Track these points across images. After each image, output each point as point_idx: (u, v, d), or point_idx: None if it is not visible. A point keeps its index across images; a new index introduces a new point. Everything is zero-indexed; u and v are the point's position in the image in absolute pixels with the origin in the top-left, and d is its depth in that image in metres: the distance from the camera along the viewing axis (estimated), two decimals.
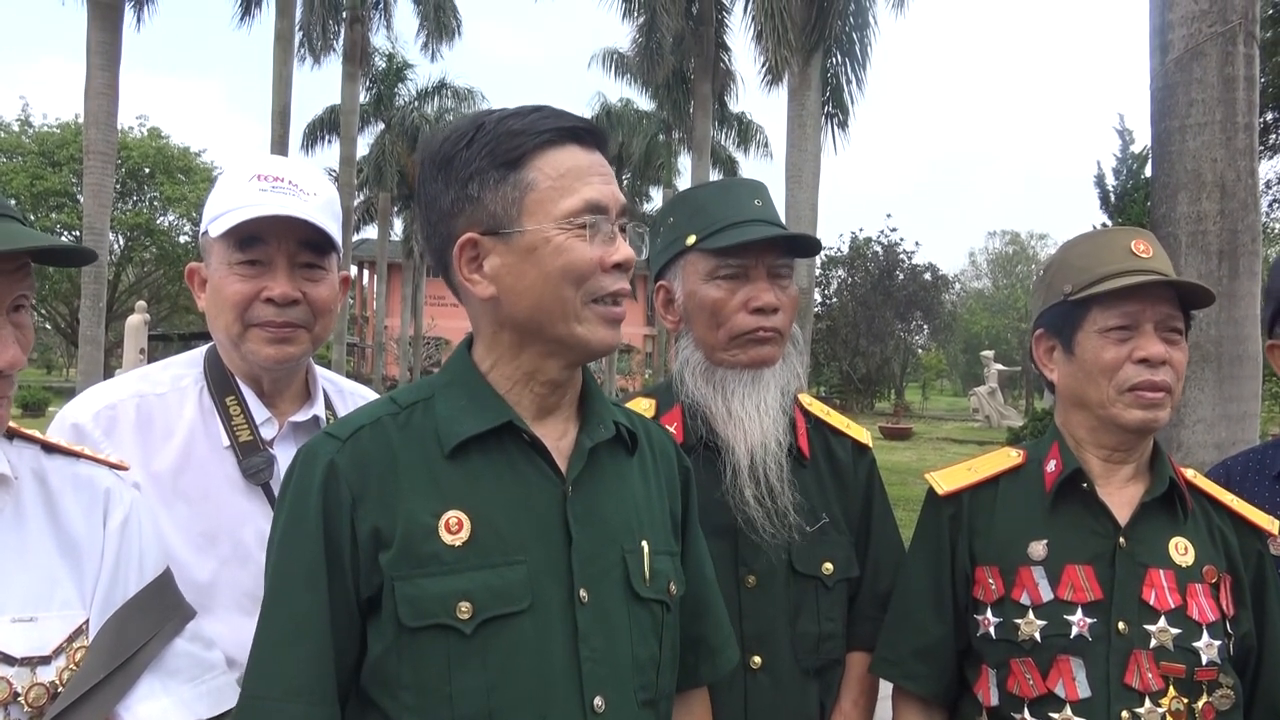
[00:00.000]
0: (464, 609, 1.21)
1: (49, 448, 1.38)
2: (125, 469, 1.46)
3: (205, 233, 1.70)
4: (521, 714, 1.21)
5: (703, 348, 1.89)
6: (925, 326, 45.25)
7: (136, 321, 17.64)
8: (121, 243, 34.48)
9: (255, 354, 1.67)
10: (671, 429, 1.85)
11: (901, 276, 41.29)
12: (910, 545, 1.87)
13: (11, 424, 1.37)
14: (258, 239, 1.65)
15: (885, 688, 1.90)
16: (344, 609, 1.23)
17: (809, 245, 1.92)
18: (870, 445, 2.02)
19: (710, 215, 1.86)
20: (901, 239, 41.83)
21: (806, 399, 2.00)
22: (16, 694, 1.19)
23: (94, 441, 1.57)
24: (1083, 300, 1.67)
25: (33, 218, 33.74)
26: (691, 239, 1.86)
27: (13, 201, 1.30)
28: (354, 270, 37.45)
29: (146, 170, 34.43)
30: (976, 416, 33.04)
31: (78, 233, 16.47)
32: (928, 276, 41.77)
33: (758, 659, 1.80)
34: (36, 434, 1.40)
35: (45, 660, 1.23)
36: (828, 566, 1.86)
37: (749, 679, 1.80)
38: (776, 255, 1.86)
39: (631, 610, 1.31)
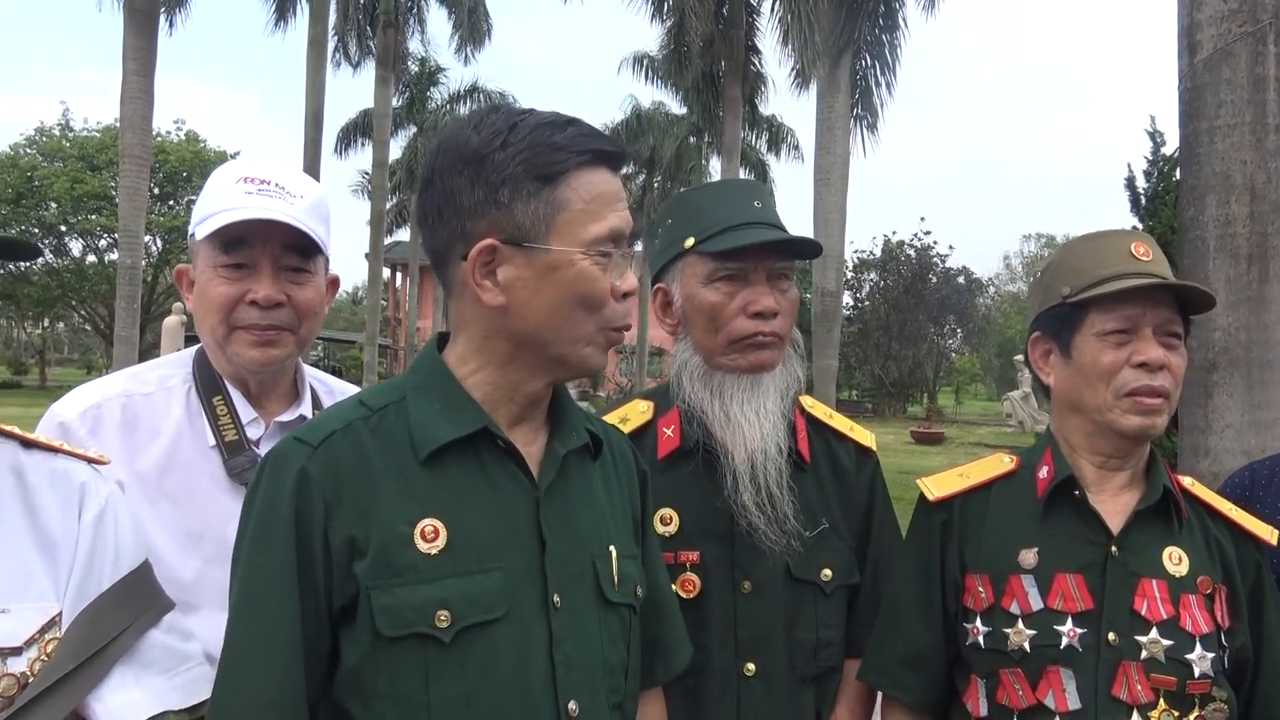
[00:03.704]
0: (443, 618, 1.20)
1: (28, 443, 1.39)
2: (105, 463, 1.47)
3: (193, 235, 1.71)
4: None
5: (701, 351, 1.85)
6: (959, 330, 44.90)
7: (174, 323, 17.87)
8: (159, 245, 34.95)
9: (240, 356, 1.68)
10: (669, 432, 1.84)
11: (934, 280, 41.01)
12: (900, 551, 1.84)
13: None
14: (243, 241, 1.66)
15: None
16: (315, 620, 1.21)
17: (809, 248, 1.87)
18: (874, 449, 1.98)
19: (709, 217, 1.82)
20: (935, 242, 41.63)
21: (809, 401, 1.96)
22: None
23: (79, 439, 1.58)
24: (1081, 303, 1.63)
25: (74, 219, 34.33)
26: (690, 241, 1.82)
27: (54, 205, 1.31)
28: (386, 272, 37.76)
29: (184, 174, 34.88)
30: (1010, 421, 32.67)
31: (116, 235, 16.74)
32: (961, 280, 41.48)
33: (752, 666, 1.77)
34: (15, 430, 1.41)
35: (16, 651, 1.24)
36: (826, 573, 1.83)
37: (742, 685, 1.77)
38: (776, 258, 1.82)
39: (602, 615, 1.31)
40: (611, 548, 1.35)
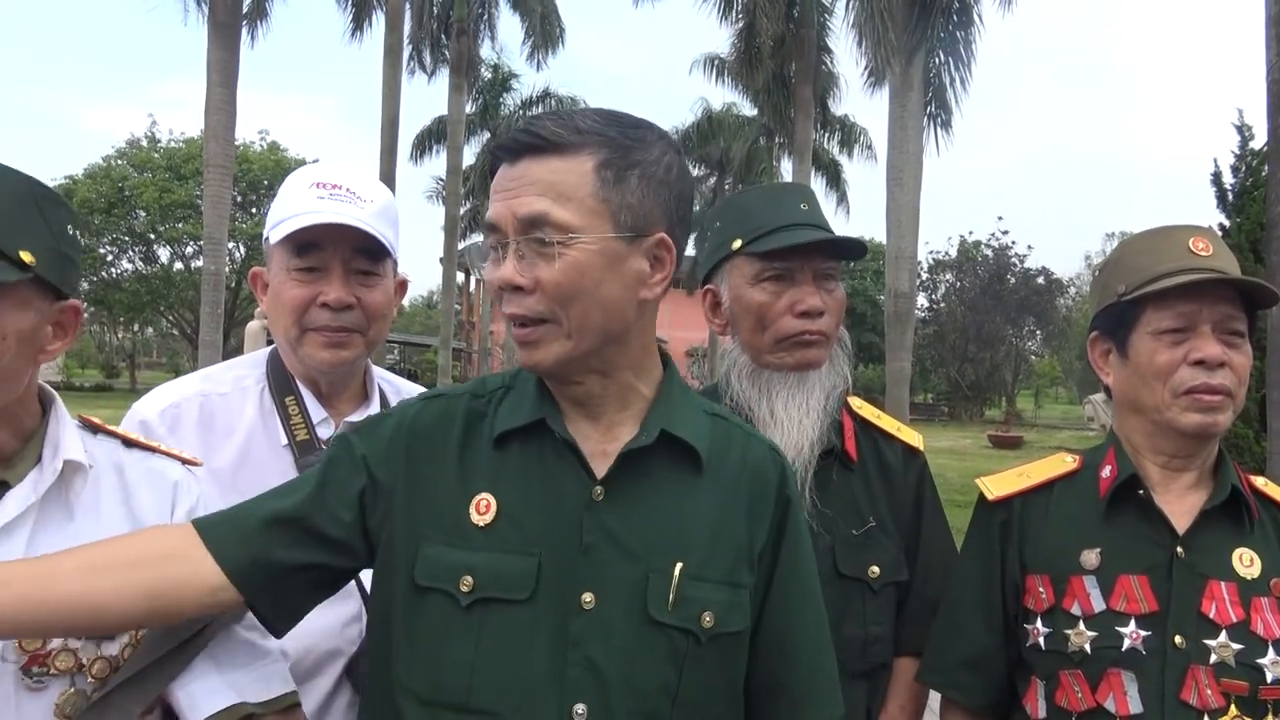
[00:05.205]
0: (466, 583, 1.25)
1: (129, 443, 1.50)
2: (199, 464, 1.56)
3: (266, 239, 1.78)
4: (499, 698, 1.23)
5: (749, 350, 1.90)
6: (1038, 332, 43.94)
7: (256, 328, 18.27)
8: (243, 251, 35.94)
9: (311, 357, 1.74)
10: None
11: (1013, 280, 40.21)
12: (960, 552, 1.84)
13: (95, 419, 1.50)
14: (315, 245, 1.71)
15: (935, 695, 1.86)
16: (325, 514, 1.32)
17: (854, 248, 1.91)
18: (922, 449, 1.99)
19: (756, 219, 1.88)
20: (1013, 242, 40.85)
21: (857, 402, 2.00)
22: (82, 665, 1.30)
23: (159, 437, 1.65)
24: (1137, 300, 1.61)
25: (162, 228, 35.49)
26: (737, 243, 1.88)
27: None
28: (460, 277, 38.25)
29: (265, 182, 35.82)
30: (1092, 425, 31.85)
31: (201, 242, 17.35)
32: (1041, 280, 40.59)
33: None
34: (118, 430, 1.52)
35: (110, 636, 1.33)
36: (874, 570, 1.85)
37: None
38: (822, 258, 1.87)
39: (643, 632, 1.26)
40: (677, 565, 1.27)
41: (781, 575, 1.38)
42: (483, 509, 1.29)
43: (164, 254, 38.24)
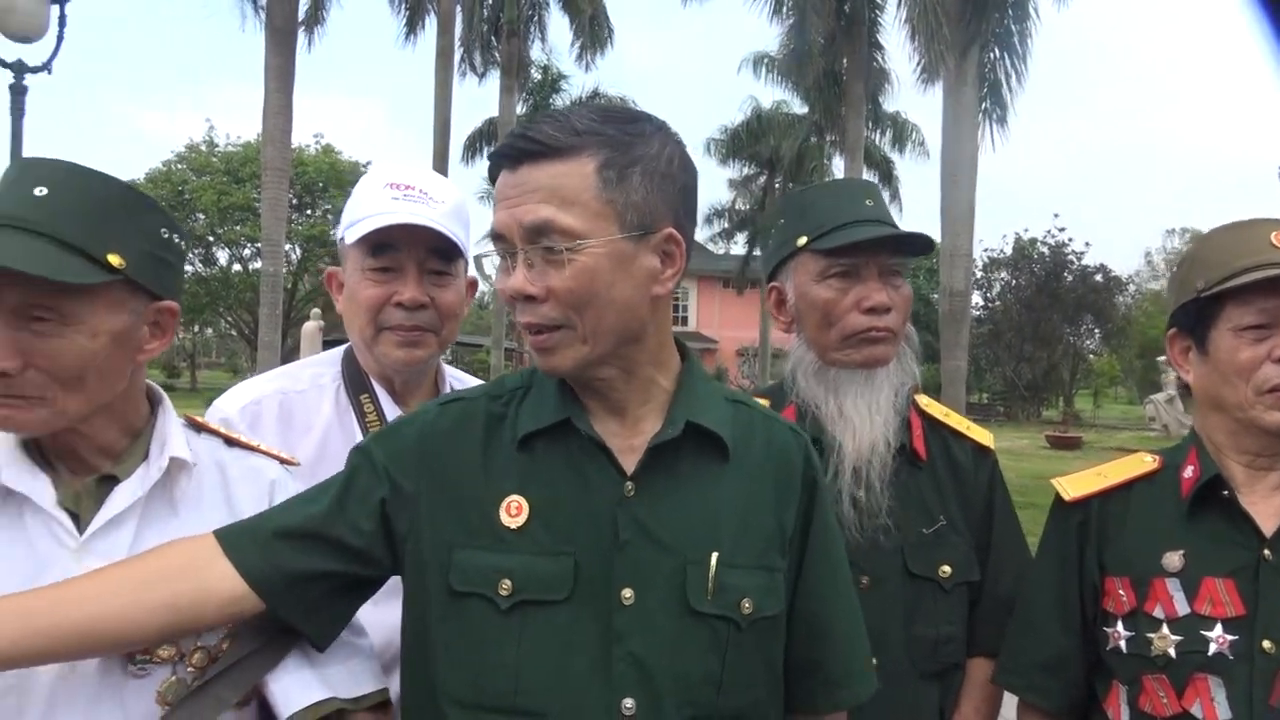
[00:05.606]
0: (505, 586, 1.25)
1: (230, 441, 1.54)
2: (296, 464, 1.60)
3: (342, 239, 1.81)
4: (545, 698, 1.23)
5: (815, 348, 1.89)
6: (1097, 331, 43.11)
7: (312, 328, 18.61)
8: (299, 253, 36.46)
9: (386, 356, 1.77)
10: None
11: (1070, 278, 39.48)
12: (1036, 553, 1.81)
13: (199, 419, 1.56)
14: (389, 246, 1.74)
15: (1010, 696, 1.84)
16: (346, 523, 1.32)
17: (921, 244, 1.89)
18: (992, 448, 1.97)
19: (821, 216, 1.86)
20: (1070, 239, 40.06)
21: (925, 400, 1.98)
22: (182, 654, 1.34)
23: (240, 434, 1.69)
24: (1217, 296, 1.57)
25: (220, 230, 36.15)
26: (802, 240, 1.87)
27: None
28: None
29: (320, 185, 36.32)
30: (1153, 425, 31.13)
31: (259, 244, 17.67)
32: (1099, 278, 39.79)
33: (872, 660, 1.77)
34: (220, 428, 1.57)
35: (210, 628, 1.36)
36: (945, 569, 1.83)
37: None
38: (888, 254, 1.85)
39: (684, 623, 1.26)
40: (714, 555, 1.28)
41: (812, 557, 1.39)
42: (514, 511, 1.28)
43: (223, 256, 38.93)
